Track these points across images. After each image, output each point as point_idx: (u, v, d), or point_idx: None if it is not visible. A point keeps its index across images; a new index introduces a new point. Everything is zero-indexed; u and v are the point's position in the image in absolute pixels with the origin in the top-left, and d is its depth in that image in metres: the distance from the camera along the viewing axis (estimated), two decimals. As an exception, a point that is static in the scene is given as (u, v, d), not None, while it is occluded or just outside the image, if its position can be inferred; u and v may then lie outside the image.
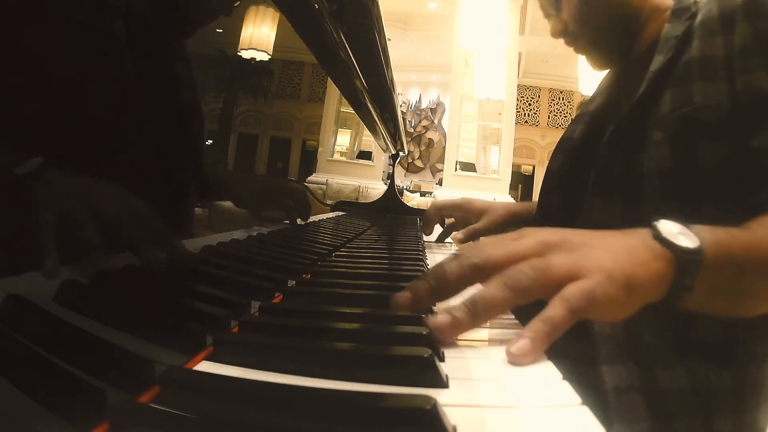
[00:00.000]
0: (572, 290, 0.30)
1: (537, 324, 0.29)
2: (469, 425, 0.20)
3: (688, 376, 0.53)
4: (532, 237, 0.35)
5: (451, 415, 0.19)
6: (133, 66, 0.48)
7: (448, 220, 0.99)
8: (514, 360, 0.27)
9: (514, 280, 0.31)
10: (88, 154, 0.41)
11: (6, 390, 0.19)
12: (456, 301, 0.32)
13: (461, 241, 0.86)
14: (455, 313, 0.30)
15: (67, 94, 0.40)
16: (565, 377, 0.25)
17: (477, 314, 0.30)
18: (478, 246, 0.35)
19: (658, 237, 0.37)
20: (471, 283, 0.33)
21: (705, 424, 0.52)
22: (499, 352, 0.29)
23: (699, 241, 0.38)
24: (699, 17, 0.58)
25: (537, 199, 0.80)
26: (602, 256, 0.33)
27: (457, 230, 0.92)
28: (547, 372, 0.26)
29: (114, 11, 0.47)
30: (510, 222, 0.88)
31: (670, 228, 0.38)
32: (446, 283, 0.33)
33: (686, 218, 0.44)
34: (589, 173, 0.63)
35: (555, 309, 0.30)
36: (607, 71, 0.76)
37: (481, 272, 0.33)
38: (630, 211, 0.57)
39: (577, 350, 0.59)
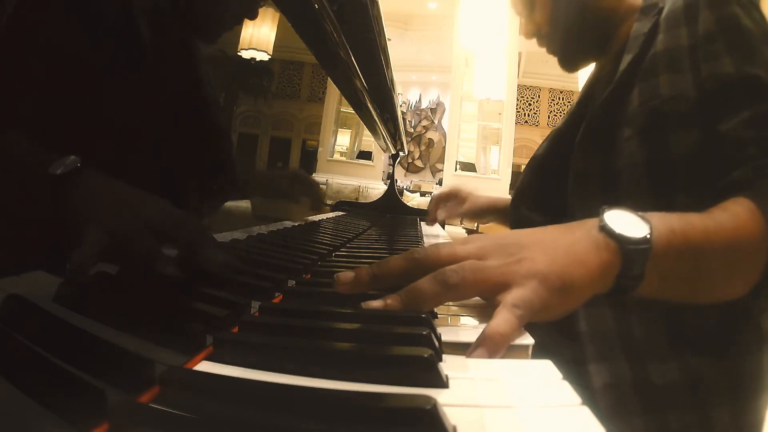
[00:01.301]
0: (514, 299, 0.32)
1: (488, 332, 0.30)
2: (469, 425, 0.20)
3: (681, 369, 0.53)
4: (475, 242, 0.36)
5: (451, 415, 0.19)
6: (158, 68, 0.48)
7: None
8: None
9: (444, 277, 0.33)
10: (108, 155, 0.41)
11: (6, 390, 0.19)
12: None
13: (439, 220, 1.02)
14: (387, 299, 0.33)
15: (92, 95, 0.41)
16: (560, 370, 0.25)
17: (406, 302, 0.33)
18: (429, 246, 0.37)
19: (604, 228, 0.37)
20: (410, 276, 0.35)
21: (701, 417, 0.52)
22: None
23: (648, 230, 0.38)
24: (665, 12, 0.59)
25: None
26: (537, 260, 0.34)
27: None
28: (547, 372, 0.26)
29: (141, 14, 0.47)
30: (489, 211, 0.98)
31: (617, 218, 0.38)
32: (388, 273, 0.36)
33: (663, 209, 0.44)
34: (561, 182, 0.63)
35: (503, 318, 0.31)
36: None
37: (420, 267, 0.35)
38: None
39: (563, 350, 0.59)
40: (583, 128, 0.61)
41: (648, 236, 0.37)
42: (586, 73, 0.76)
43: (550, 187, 0.68)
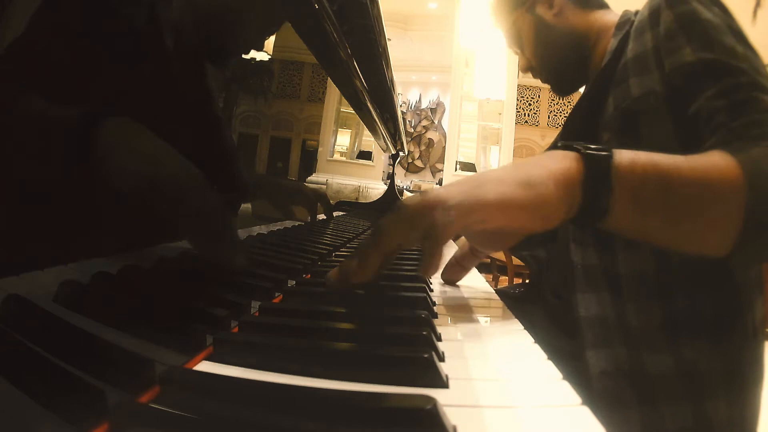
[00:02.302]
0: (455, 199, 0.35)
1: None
2: (469, 425, 0.20)
3: (676, 359, 0.53)
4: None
5: (451, 415, 0.19)
6: (172, 88, 0.49)
7: None
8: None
9: (379, 225, 0.36)
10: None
11: (6, 390, 0.19)
12: None
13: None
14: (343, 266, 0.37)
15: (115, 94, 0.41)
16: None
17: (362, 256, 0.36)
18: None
19: (564, 145, 0.41)
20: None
21: (696, 408, 0.52)
22: (499, 351, 0.29)
23: (610, 150, 0.40)
24: (635, 24, 0.62)
25: None
26: (495, 174, 0.37)
27: None
28: (547, 372, 0.26)
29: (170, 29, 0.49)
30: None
31: (577, 145, 0.40)
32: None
33: None
34: None
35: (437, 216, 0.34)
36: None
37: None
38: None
39: (564, 345, 0.59)
40: (558, 136, 0.67)
41: (610, 152, 0.39)
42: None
43: None
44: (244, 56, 0.75)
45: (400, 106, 2.68)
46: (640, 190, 0.40)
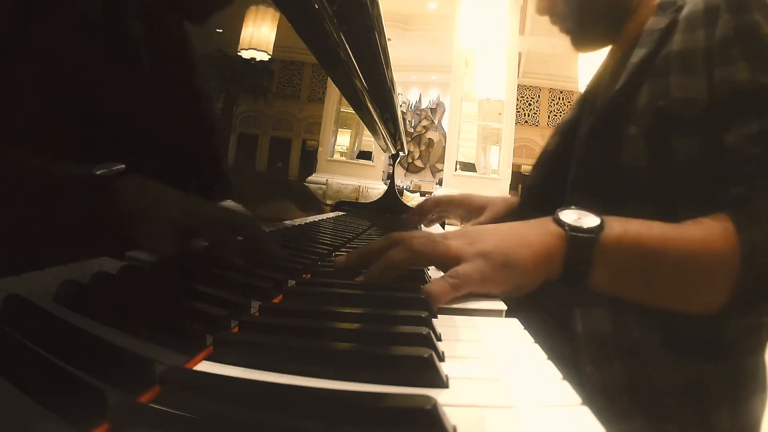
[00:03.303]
0: (451, 271, 0.40)
1: (422, 291, 0.38)
2: (469, 425, 0.20)
3: (679, 371, 0.52)
4: (444, 233, 0.44)
5: (451, 415, 0.19)
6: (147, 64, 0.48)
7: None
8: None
9: (410, 244, 0.42)
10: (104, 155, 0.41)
11: (6, 390, 0.19)
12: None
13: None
14: (367, 272, 0.42)
15: (80, 94, 0.40)
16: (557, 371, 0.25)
17: (381, 268, 0.41)
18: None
19: (555, 218, 0.44)
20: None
21: (701, 420, 0.52)
22: (498, 351, 0.29)
23: (598, 223, 0.43)
24: (684, 11, 0.57)
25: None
26: (487, 242, 0.42)
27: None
28: (547, 372, 0.26)
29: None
30: (509, 217, 0.84)
31: (572, 213, 0.44)
32: (371, 250, 0.45)
33: (664, 214, 0.45)
34: (566, 178, 0.63)
35: (437, 283, 0.39)
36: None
37: (394, 243, 0.43)
38: (611, 208, 0.57)
39: (564, 350, 0.58)
40: (591, 122, 0.60)
41: (594, 227, 0.43)
42: (586, 73, 0.76)
43: (556, 182, 0.67)
44: (244, 56, 0.74)
45: (400, 106, 2.68)
46: (621, 269, 0.43)
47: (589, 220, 0.43)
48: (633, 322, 0.54)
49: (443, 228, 1.19)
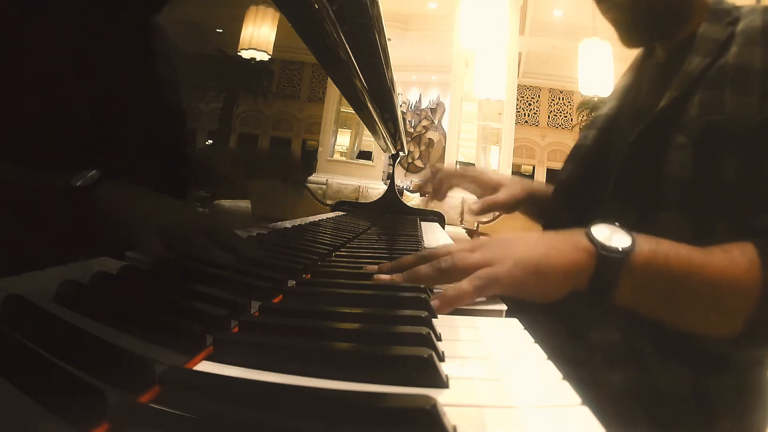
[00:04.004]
0: (479, 272, 0.40)
1: (447, 291, 0.38)
2: (469, 425, 0.20)
3: (685, 382, 0.52)
4: (472, 243, 0.45)
5: (451, 415, 0.19)
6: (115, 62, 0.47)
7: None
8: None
9: (438, 263, 0.42)
10: (88, 156, 0.40)
11: (6, 390, 0.19)
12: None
13: (476, 213, 0.80)
14: (394, 276, 0.43)
15: (63, 95, 0.40)
16: (566, 378, 0.25)
17: (407, 279, 0.42)
18: (440, 246, 0.46)
19: (588, 234, 0.44)
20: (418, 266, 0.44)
21: (705, 430, 0.52)
22: (498, 351, 0.29)
23: (629, 244, 0.43)
24: (741, 24, 0.56)
25: (552, 187, 0.78)
26: (518, 249, 0.42)
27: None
28: (547, 372, 0.26)
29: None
30: (525, 201, 0.82)
31: (605, 229, 0.44)
32: (402, 264, 0.45)
33: (700, 230, 0.45)
34: (605, 178, 0.62)
35: (463, 283, 0.39)
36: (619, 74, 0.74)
37: (425, 260, 0.44)
38: (649, 215, 0.56)
39: (578, 353, 0.58)
40: (640, 128, 0.59)
41: (625, 249, 0.42)
42: (586, 73, 0.75)
43: (593, 181, 0.66)
44: (244, 56, 0.74)
45: (400, 106, 2.68)
46: (644, 290, 0.44)
47: (620, 239, 0.43)
48: (644, 331, 0.54)
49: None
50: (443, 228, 1.34)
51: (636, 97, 0.68)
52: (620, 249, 0.42)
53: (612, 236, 0.44)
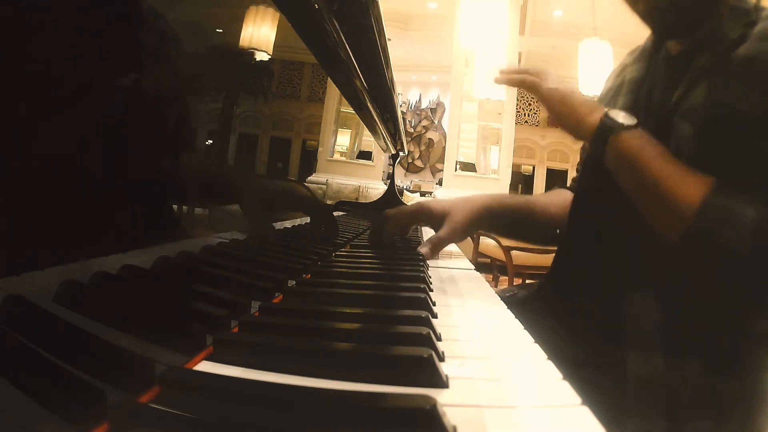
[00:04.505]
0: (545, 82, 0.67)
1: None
2: (469, 425, 0.20)
3: (696, 380, 0.53)
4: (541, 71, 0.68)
5: (451, 415, 0.19)
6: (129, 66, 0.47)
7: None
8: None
9: (527, 70, 0.67)
10: (87, 154, 0.40)
11: (6, 390, 0.19)
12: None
13: (428, 257, 0.69)
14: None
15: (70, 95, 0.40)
16: (566, 378, 0.25)
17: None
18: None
19: (606, 113, 0.59)
20: None
21: (712, 429, 0.52)
22: (499, 351, 0.29)
23: (631, 123, 0.57)
24: (759, 26, 0.56)
25: (523, 195, 0.80)
26: (564, 85, 0.63)
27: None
28: (547, 372, 0.26)
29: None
30: (475, 223, 0.74)
31: (622, 113, 0.58)
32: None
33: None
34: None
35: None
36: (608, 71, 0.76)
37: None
38: None
39: (578, 353, 0.59)
40: (654, 126, 0.59)
41: (619, 123, 0.57)
42: (586, 73, 0.75)
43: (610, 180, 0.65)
44: (244, 56, 0.74)
45: (400, 106, 2.68)
46: (621, 160, 0.57)
47: (626, 119, 0.57)
48: (654, 331, 0.55)
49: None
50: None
51: (649, 92, 0.68)
52: (618, 121, 0.56)
53: (623, 116, 0.57)
